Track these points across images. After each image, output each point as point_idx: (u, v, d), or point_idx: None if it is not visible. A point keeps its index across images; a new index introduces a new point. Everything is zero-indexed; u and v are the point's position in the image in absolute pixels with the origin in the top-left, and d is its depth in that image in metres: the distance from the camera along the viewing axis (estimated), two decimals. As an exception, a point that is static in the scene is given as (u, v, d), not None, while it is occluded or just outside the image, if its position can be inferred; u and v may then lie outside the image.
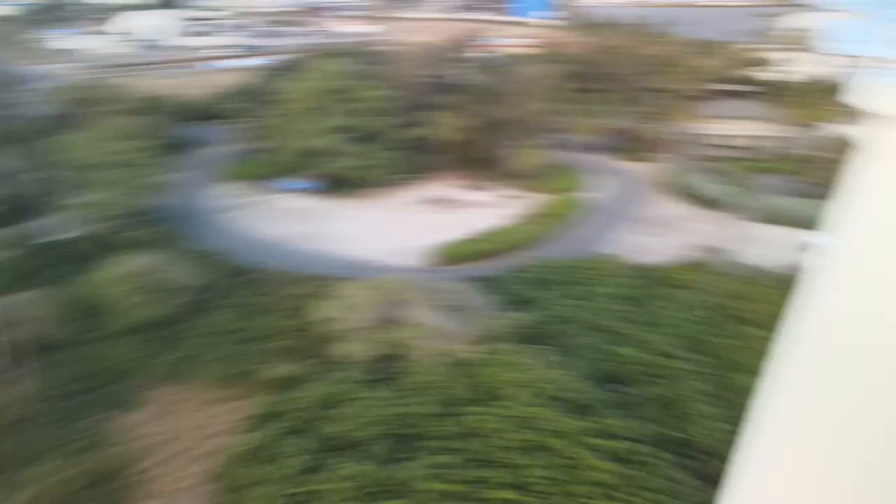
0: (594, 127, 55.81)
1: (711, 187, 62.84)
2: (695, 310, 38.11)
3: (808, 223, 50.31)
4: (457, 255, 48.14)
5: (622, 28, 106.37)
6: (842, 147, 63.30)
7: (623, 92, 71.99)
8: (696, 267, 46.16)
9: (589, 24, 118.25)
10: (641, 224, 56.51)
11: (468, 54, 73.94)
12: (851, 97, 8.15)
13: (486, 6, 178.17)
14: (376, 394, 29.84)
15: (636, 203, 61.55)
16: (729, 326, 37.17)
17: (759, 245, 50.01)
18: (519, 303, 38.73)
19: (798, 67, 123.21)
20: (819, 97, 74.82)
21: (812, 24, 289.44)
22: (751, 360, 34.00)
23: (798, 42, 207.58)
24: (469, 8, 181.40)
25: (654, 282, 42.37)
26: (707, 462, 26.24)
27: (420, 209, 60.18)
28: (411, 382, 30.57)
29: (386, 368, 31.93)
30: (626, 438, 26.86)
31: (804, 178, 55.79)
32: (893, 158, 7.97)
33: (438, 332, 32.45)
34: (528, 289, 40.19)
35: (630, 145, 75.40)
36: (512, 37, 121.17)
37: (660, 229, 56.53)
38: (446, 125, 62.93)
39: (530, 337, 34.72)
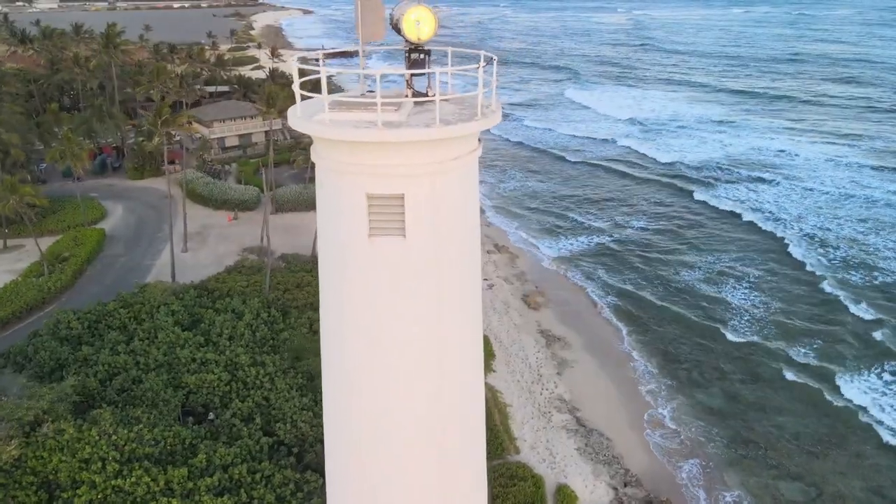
0: (80, 149, 49.81)
1: (229, 188, 63.39)
2: (256, 312, 38.23)
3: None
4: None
5: (81, 37, 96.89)
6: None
7: (103, 106, 65.96)
8: (246, 270, 46.33)
9: (28, 36, 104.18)
10: (178, 241, 53.65)
11: None
12: (292, 122, 9.68)
13: None
14: None
15: (163, 221, 58.11)
16: (291, 318, 38.60)
17: (301, 232, 53.16)
18: (57, 369, 32.76)
19: (270, 62, 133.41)
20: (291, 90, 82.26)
21: (275, 21, 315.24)
22: (314, 344, 36.17)
23: (266, 39, 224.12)
24: None
25: (208, 297, 40.86)
26: (315, 452, 27.09)
27: None
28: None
29: None
30: (235, 463, 25.62)
31: (304, 165, 60.96)
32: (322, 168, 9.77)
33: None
34: (67, 349, 34.09)
35: (134, 162, 70.38)
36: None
37: (197, 241, 54.86)
38: None
39: (86, 403, 29.90)
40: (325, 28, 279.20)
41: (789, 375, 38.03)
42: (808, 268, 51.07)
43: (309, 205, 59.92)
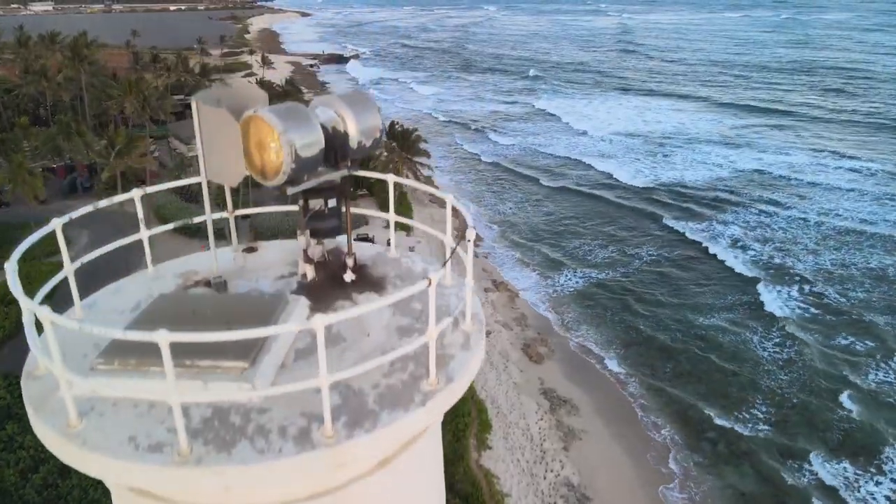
0: (31, 175, 45.02)
1: (207, 215, 58.19)
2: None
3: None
4: None
5: (56, 46, 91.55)
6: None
7: (71, 123, 61.04)
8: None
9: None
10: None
11: None
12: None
13: None
14: None
15: (130, 252, 52.87)
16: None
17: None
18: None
19: (263, 67, 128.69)
20: (291, 99, 77.16)
21: (271, 24, 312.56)
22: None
23: (261, 43, 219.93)
24: None
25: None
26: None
27: None
28: None
29: None
30: None
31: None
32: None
33: None
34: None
35: (105, 182, 65.25)
36: None
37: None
38: None
39: (-1, 504, 24.88)
40: (321, 32, 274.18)
41: (824, 457, 32.96)
42: (824, 326, 44.69)
43: (291, 233, 54.73)
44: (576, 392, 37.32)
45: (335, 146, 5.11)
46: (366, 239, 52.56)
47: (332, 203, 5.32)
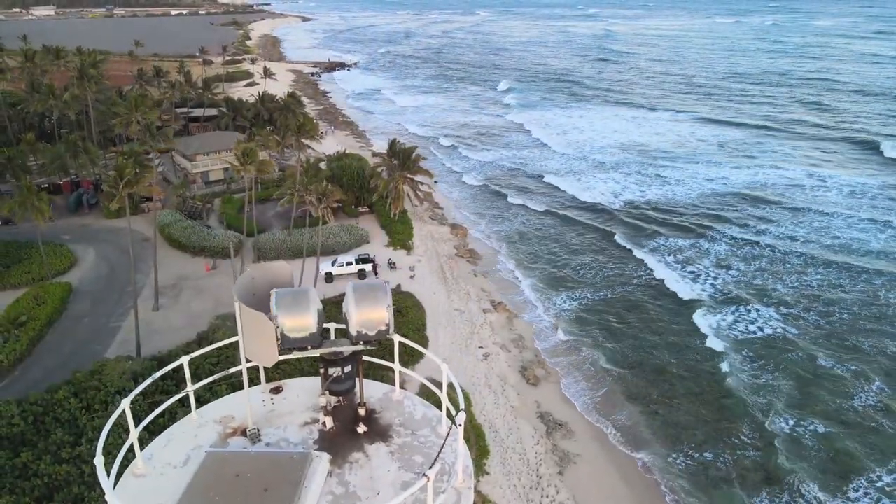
0: (39, 200, 46.14)
1: (207, 235, 59.18)
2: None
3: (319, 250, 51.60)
4: None
5: (61, 61, 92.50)
6: (317, 164, 67.09)
7: (77, 141, 62.06)
8: (220, 340, 42.32)
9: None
10: (150, 295, 49.76)
11: None
12: None
13: None
14: None
15: (136, 271, 54.09)
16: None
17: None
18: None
19: (265, 79, 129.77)
20: (289, 112, 78.03)
21: (272, 29, 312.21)
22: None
23: (262, 50, 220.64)
24: None
25: (172, 380, 36.74)
26: None
27: None
28: None
29: None
30: None
31: (289, 205, 56.79)
32: None
33: None
34: (4, 456, 30.06)
35: (110, 199, 66.19)
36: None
37: (170, 296, 50.89)
38: None
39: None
40: (320, 37, 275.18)
41: (808, 482, 34.05)
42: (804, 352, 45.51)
43: (293, 253, 56.01)
44: (571, 415, 38.36)
45: (346, 329, 6.23)
46: (367, 259, 53.83)
47: (348, 369, 6.41)
